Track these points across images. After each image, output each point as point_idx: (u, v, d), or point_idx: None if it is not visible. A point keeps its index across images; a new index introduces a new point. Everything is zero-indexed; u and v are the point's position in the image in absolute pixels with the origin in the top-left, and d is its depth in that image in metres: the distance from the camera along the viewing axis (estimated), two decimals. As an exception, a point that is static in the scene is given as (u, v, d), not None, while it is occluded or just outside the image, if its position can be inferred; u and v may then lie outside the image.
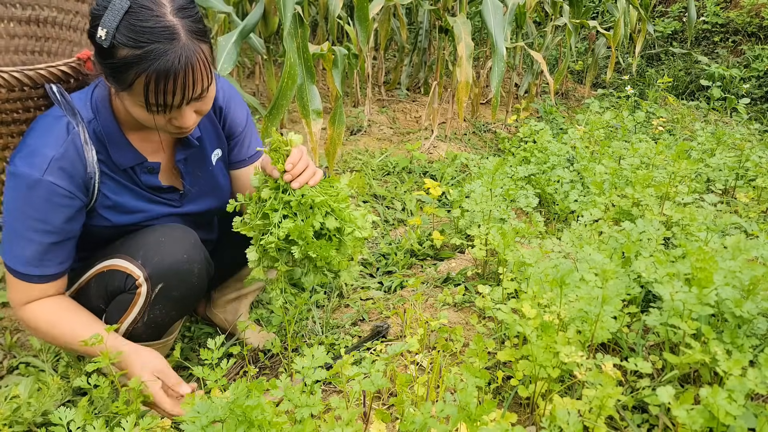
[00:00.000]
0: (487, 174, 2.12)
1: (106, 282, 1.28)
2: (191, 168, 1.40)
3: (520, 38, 4.41)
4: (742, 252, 1.42)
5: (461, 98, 3.14)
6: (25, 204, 1.17)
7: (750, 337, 1.17)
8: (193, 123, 1.20)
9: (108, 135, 1.24)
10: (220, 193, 1.48)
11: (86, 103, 1.23)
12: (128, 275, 1.24)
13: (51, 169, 1.16)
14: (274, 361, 1.68)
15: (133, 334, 1.30)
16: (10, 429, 1.25)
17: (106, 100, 1.24)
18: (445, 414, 0.95)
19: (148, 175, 1.32)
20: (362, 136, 3.69)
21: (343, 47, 2.68)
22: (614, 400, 1.03)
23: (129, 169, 1.29)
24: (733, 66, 5.68)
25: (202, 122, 1.39)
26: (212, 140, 1.43)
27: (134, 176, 1.30)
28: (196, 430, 0.86)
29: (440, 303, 1.78)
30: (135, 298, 1.25)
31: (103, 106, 1.24)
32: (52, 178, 1.16)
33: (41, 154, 1.17)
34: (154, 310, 1.27)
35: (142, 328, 1.29)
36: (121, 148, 1.26)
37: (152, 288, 1.24)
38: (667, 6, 7.18)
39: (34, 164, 1.16)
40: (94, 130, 1.23)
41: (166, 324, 1.34)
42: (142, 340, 1.32)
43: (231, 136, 1.47)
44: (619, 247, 1.61)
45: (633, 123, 3.71)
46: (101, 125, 1.23)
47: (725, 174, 2.73)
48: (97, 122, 1.23)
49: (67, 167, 1.18)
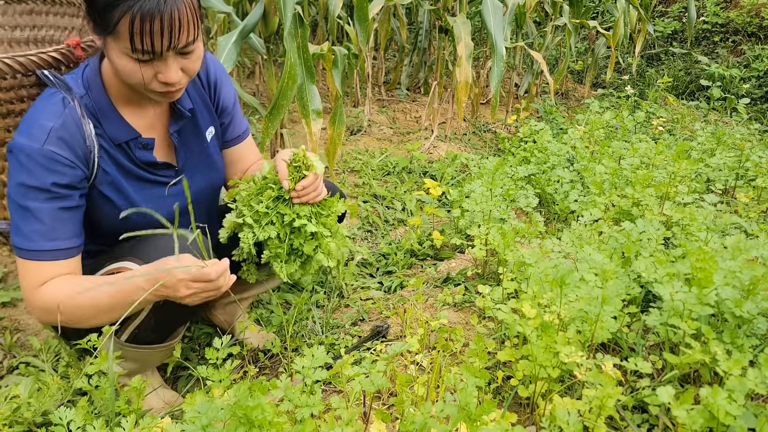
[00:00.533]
0: (487, 174, 2.12)
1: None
2: (185, 141, 1.39)
3: (520, 38, 4.41)
4: (742, 252, 1.42)
5: (461, 98, 3.14)
6: (28, 175, 1.15)
7: (750, 337, 1.17)
8: (180, 81, 1.18)
9: (100, 109, 1.24)
10: (215, 173, 1.47)
11: (77, 81, 1.23)
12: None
13: (51, 139, 1.15)
14: (274, 361, 1.68)
15: (138, 337, 1.30)
16: (10, 429, 1.25)
17: (96, 76, 1.24)
18: (445, 414, 0.95)
19: (143, 151, 1.30)
20: (362, 136, 3.69)
21: (343, 47, 2.68)
22: (614, 400, 1.03)
23: (124, 144, 1.27)
24: (733, 66, 5.68)
25: (194, 98, 1.39)
26: (205, 117, 1.43)
27: (129, 152, 1.29)
28: (196, 430, 0.86)
29: (440, 303, 1.78)
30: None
31: (94, 82, 1.23)
32: (52, 147, 1.15)
33: (39, 126, 1.16)
34: (160, 314, 1.27)
35: (147, 331, 1.29)
36: (114, 122, 1.25)
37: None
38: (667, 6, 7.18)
39: (33, 135, 1.14)
40: (86, 105, 1.22)
41: (170, 328, 1.34)
42: (146, 343, 1.32)
43: (223, 112, 1.48)
44: (619, 247, 1.61)
45: (633, 123, 3.71)
46: (93, 100, 1.23)
47: (725, 174, 2.73)
48: (89, 97, 1.23)
49: (66, 138, 1.17)
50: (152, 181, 1.35)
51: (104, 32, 1.10)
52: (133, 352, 1.33)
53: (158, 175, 1.36)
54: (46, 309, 1.20)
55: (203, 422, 0.87)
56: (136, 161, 1.31)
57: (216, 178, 1.48)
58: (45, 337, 1.64)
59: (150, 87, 1.17)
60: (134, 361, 1.35)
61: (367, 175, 3.10)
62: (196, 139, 1.42)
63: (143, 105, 1.31)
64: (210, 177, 1.46)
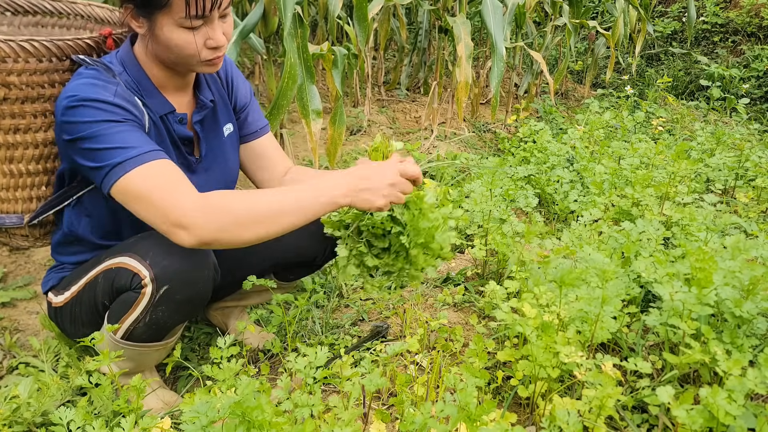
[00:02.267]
0: (487, 174, 2.12)
1: (113, 278, 1.28)
2: (206, 134, 1.41)
3: (519, 38, 4.41)
4: (742, 252, 1.42)
5: (461, 98, 3.14)
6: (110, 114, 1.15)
7: (750, 337, 1.17)
8: (224, 43, 1.23)
9: (140, 83, 1.27)
10: (228, 172, 1.48)
11: (113, 61, 1.27)
12: (135, 274, 1.24)
13: (118, 96, 1.18)
14: (274, 361, 1.68)
15: (134, 334, 1.30)
16: (10, 429, 1.25)
17: (132, 57, 1.28)
18: (445, 414, 0.95)
19: (180, 126, 1.34)
20: (362, 136, 3.69)
21: (342, 47, 2.68)
22: (614, 400, 1.03)
23: (164, 116, 1.30)
24: (732, 66, 5.68)
25: (214, 92, 1.42)
26: (224, 113, 1.45)
27: (169, 125, 1.32)
28: (196, 430, 0.86)
29: (440, 303, 1.78)
30: (139, 297, 1.25)
31: (130, 60, 1.27)
32: (121, 101, 1.18)
33: (102, 86, 1.18)
34: (156, 312, 1.27)
35: (143, 328, 1.29)
36: (153, 95, 1.29)
37: (157, 289, 1.24)
38: (667, 6, 7.18)
39: (101, 92, 1.16)
40: (126, 81, 1.25)
41: (167, 326, 1.33)
42: (142, 340, 1.31)
43: (242, 108, 1.50)
44: (618, 247, 1.61)
45: (633, 123, 3.71)
46: (132, 77, 1.26)
47: (725, 174, 2.73)
48: (127, 74, 1.26)
49: (129, 99, 1.21)
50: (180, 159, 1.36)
51: (155, 10, 1.14)
52: (129, 350, 1.33)
53: (185, 156, 1.37)
54: (216, 211, 1.09)
55: (203, 422, 0.87)
56: (173, 135, 1.33)
57: (229, 178, 1.49)
58: (45, 337, 1.64)
59: (201, 56, 1.21)
60: (131, 359, 1.35)
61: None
62: (215, 134, 1.43)
63: (173, 92, 1.34)
64: (224, 174, 1.47)
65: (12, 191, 1.33)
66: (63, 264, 1.44)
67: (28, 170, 1.33)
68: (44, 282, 1.44)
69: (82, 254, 1.40)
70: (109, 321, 1.31)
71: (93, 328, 1.35)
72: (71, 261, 1.42)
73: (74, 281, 1.36)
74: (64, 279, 1.41)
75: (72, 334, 1.43)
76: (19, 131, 1.29)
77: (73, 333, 1.42)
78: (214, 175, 1.44)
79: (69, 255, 1.42)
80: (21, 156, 1.31)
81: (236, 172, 1.52)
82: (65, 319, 1.41)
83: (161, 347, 1.38)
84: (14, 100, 1.25)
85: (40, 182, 1.36)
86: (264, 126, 1.55)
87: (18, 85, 1.24)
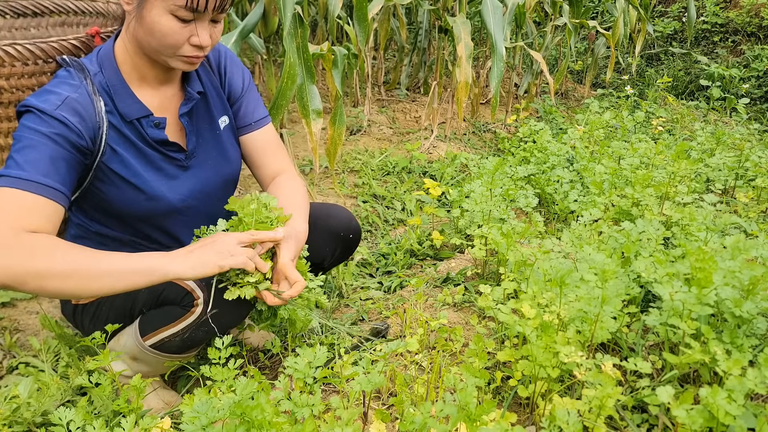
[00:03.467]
0: (487, 174, 2.12)
1: (162, 290, 1.28)
2: (196, 126, 1.38)
3: (519, 38, 4.41)
4: (742, 252, 1.42)
5: (461, 98, 3.14)
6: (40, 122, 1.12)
7: (750, 337, 1.17)
8: (208, 47, 1.22)
9: (113, 86, 1.25)
10: (227, 165, 1.43)
11: (92, 60, 1.26)
12: (188, 292, 1.24)
13: (64, 106, 1.15)
14: (274, 361, 1.68)
15: (166, 345, 1.30)
16: (10, 429, 1.25)
17: (110, 55, 1.26)
18: (445, 414, 0.95)
19: (155, 130, 1.30)
20: (362, 136, 3.69)
21: (342, 47, 2.68)
22: (614, 400, 1.03)
23: (135, 121, 1.27)
24: (732, 66, 5.68)
25: (205, 83, 1.39)
26: (217, 104, 1.42)
27: (141, 130, 1.28)
28: (196, 430, 0.86)
29: (440, 303, 1.78)
30: (186, 315, 1.25)
31: (108, 60, 1.26)
32: (65, 113, 1.15)
33: (56, 93, 1.16)
34: (198, 331, 1.27)
35: (178, 342, 1.29)
36: (126, 99, 1.26)
37: (206, 311, 1.24)
38: (667, 6, 7.18)
39: (48, 100, 1.15)
40: (100, 83, 1.24)
41: (200, 344, 1.34)
42: (170, 352, 1.32)
43: (236, 99, 1.46)
44: (618, 247, 1.61)
45: (633, 123, 3.71)
46: (106, 78, 1.25)
47: (725, 174, 2.73)
48: (102, 75, 1.25)
49: (80, 109, 1.18)
50: (163, 161, 1.33)
51: None
52: (153, 357, 1.32)
53: (169, 156, 1.33)
54: (27, 254, 1.02)
55: (203, 422, 0.87)
56: (147, 140, 1.30)
57: (228, 171, 1.44)
58: (45, 337, 1.64)
59: (181, 51, 1.20)
60: (149, 365, 1.35)
61: (366, 175, 3.10)
62: (208, 126, 1.40)
63: (155, 84, 1.31)
64: (221, 168, 1.42)
65: None
66: None
67: None
68: None
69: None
70: (142, 327, 1.30)
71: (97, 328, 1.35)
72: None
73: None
74: None
75: (89, 332, 1.42)
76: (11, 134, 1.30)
77: (91, 331, 1.41)
78: (209, 170, 1.40)
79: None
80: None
81: (237, 166, 1.47)
82: (86, 317, 1.39)
83: (183, 359, 1.38)
84: (8, 104, 1.28)
85: None
86: (259, 119, 1.48)
87: (8, 89, 1.26)
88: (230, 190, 1.49)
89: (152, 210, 1.32)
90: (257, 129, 1.48)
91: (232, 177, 1.47)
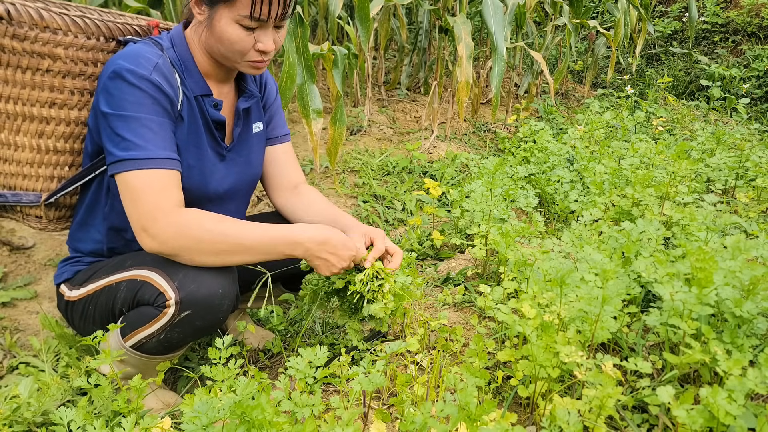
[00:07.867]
0: (487, 174, 2.12)
1: (137, 289, 1.28)
2: (243, 122, 1.45)
3: (520, 38, 4.41)
4: (742, 252, 1.42)
5: (461, 98, 3.14)
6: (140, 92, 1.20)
7: (750, 337, 1.17)
8: (272, 52, 1.28)
9: (184, 62, 1.32)
10: (251, 167, 1.50)
11: (163, 38, 1.33)
12: (160, 293, 1.24)
13: (156, 71, 1.23)
14: (274, 361, 1.68)
15: (145, 346, 1.30)
16: (10, 429, 1.25)
17: (181, 36, 1.33)
18: (445, 414, 0.95)
19: (214, 110, 1.37)
20: (362, 136, 3.69)
21: (343, 47, 2.68)
22: (614, 400, 1.03)
23: (199, 97, 1.34)
24: (733, 66, 5.68)
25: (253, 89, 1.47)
26: (256, 110, 1.50)
27: (203, 106, 1.35)
28: (197, 430, 0.86)
29: (440, 303, 1.78)
30: (159, 315, 1.25)
31: (179, 39, 1.32)
32: (158, 77, 1.22)
33: (146, 58, 1.22)
34: (173, 332, 1.27)
35: (155, 343, 1.29)
36: (194, 74, 1.33)
37: (179, 312, 1.24)
38: (667, 6, 7.18)
39: (141, 64, 1.21)
40: (171, 57, 1.30)
41: (179, 345, 1.34)
42: (150, 354, 1.32)
43: (267, 108, 1.54)
44: (619, 247, 1.61)
45: (633, 123, 3.71)
46: (177, 53, 1.31)
47: (725, 174, 2.73)
48: (173, 51, 1.31)
49: (166, 75, 1.25)
50: (209, 145, 1.38)
51: (220, 1, 1.20)
52: (135, 358, 1.33)
53: (216, 141, 1.39)
54: (185, 229, 1.19)
55: (203, 422, 0.87)
56: (206, 117, 1.36)
57: (251, 173, 1.50)
58: (45, 337, 1.64)
59: (247, 57, 1.27)
60: (134, 367, 1.35)
61: (367, 175, 3.10)
62: (246, 128, 1.47)
63: (216, 81, 1.39)
64: (249, 168, 1.49)
65: (36, 167, 1.33)
66: (78, 256, 1.44)
67: (55, 147, 1.33)
68: (57, 274, 1.45)
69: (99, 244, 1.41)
70: (123, 328, 1.30)
71: (103, 328, 1.35)
72: (87, 250, 1.43)
73: (92, 279, 1.36)
74: (79, 273, 1.41)
75: (80, 330, 1.44)
76: (55, 106, 1.29)
77: (82, 329, 1.42)
78: (240, 166, 1.47)
79: (86, 242, 1.42)
80: (51, 132, 1.31)
81: (259, 169, 1.54)
82: (76, 315, 1.41)
83: (166, 359, 1.38)
84: (56, 72, 1.27)
85: (65, 162, 1.36)
86: (285, 134, 1.60)
87: (63, 59, 1.26)
88: (250, 194, 1.55)
89: (197, 189, 1.36)
90: (282, 143, 1.59)
91: (255, 180, 1.53)
